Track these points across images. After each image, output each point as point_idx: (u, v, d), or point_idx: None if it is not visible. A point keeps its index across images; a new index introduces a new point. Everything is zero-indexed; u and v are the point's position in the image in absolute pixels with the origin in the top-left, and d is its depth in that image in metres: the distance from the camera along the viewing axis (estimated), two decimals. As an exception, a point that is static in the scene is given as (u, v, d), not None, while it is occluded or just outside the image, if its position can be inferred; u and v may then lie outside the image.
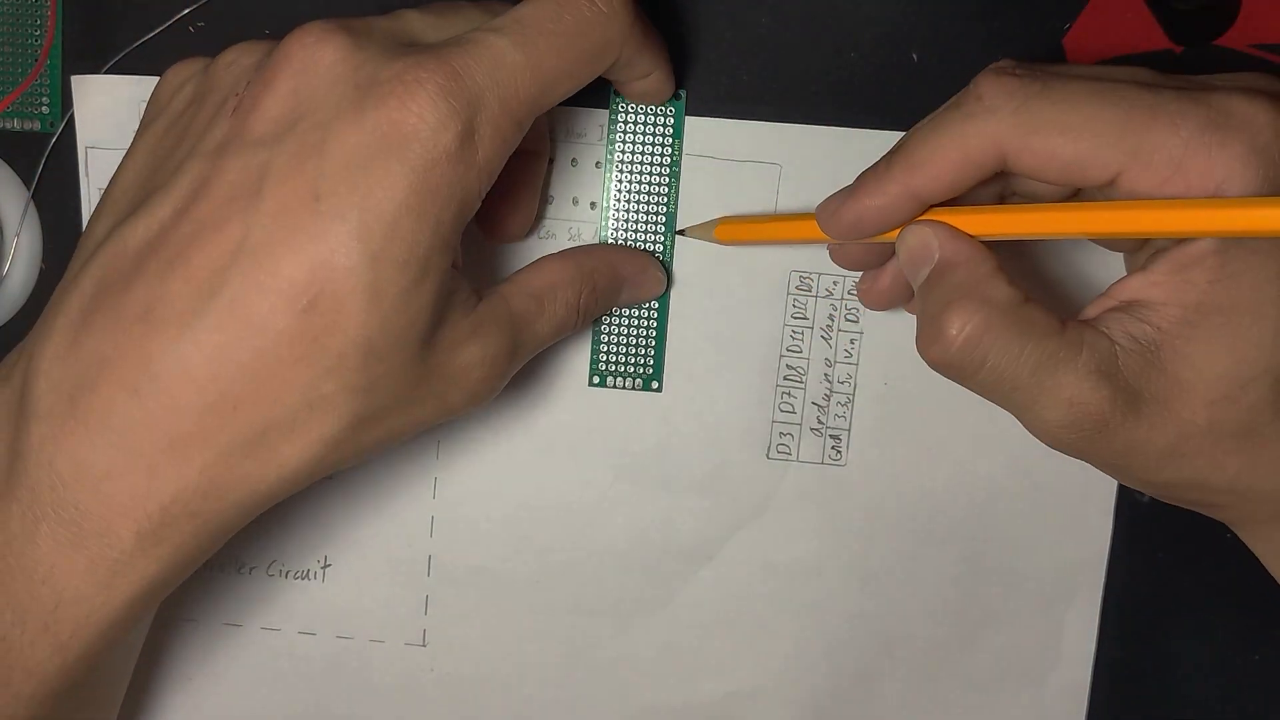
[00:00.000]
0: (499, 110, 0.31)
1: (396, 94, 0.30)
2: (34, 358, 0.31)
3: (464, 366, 0.33)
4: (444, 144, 0.30)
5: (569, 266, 0.37)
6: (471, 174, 0.31)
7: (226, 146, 0.31)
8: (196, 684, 0.43)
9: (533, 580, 0.42)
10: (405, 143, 0.30)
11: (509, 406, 0.41)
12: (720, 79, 0.39)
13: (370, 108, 0.30)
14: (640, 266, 0.39)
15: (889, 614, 0.41)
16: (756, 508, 0.41)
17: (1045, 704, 0.41)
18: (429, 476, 0.42)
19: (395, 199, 0.30)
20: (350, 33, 0.31)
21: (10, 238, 0.41)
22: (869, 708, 0.42)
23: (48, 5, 0.40)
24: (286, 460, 0.31)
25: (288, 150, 0.30)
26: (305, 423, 0.31)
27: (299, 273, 0.29)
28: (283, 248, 0.29)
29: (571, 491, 0.41)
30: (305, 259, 0.29)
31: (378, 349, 0.30)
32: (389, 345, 0.31)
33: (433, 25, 0.33)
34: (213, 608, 0.42)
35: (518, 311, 0.35)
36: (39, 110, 0.40)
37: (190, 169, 0.31)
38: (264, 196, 0.30)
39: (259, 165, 0.30)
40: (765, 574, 0.41)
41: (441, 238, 0.31)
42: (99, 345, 0.30)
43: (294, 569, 0.42)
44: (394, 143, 0.30)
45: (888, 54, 0.39)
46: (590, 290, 0.37)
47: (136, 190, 0.33)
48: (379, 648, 0.42)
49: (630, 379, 0.41)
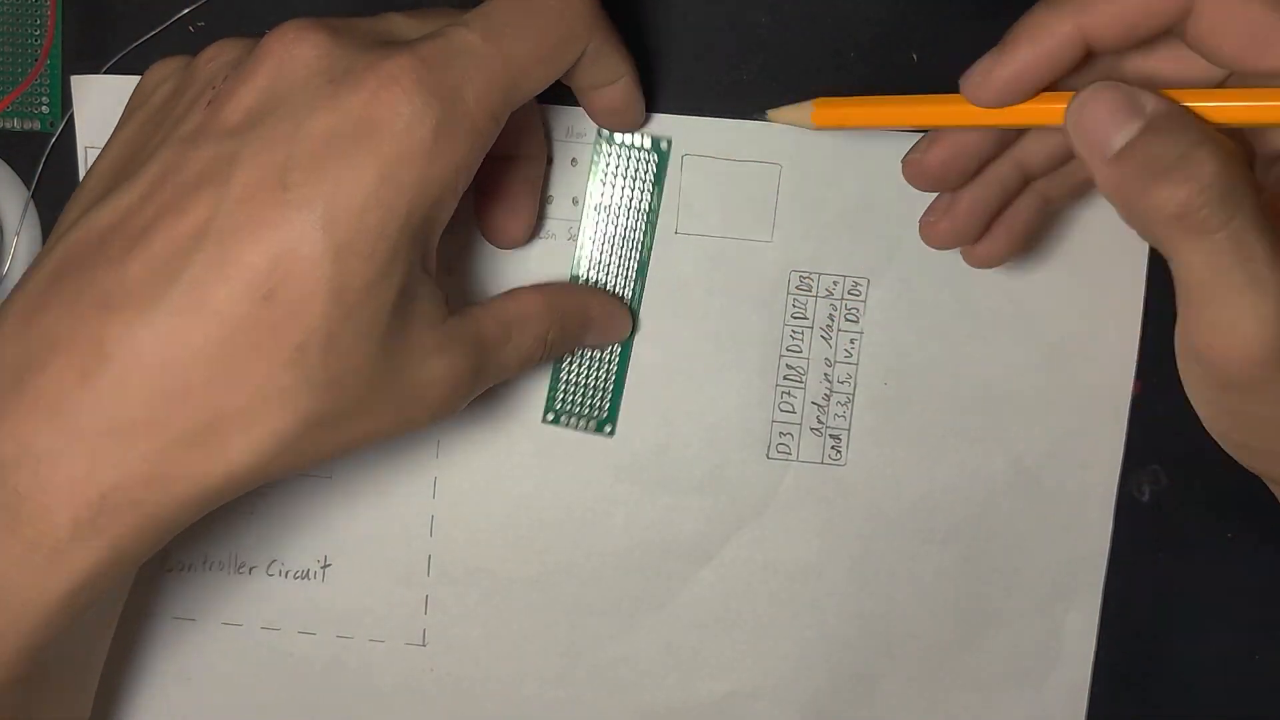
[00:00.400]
0: (473, 104, 0.31)
1: (369, 86, 0.30)
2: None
3: (427, 380, 0.32)
4: (418, 137, 0.30)
5: (541, 301, 0.36)
6: (447, 169, 0.30)
7: (198, 135, 0.31)
8: (196, 684, 0.43)
9: (533, 580, 0.42)
10: (377, 134, 0.29)
11: (509, 406, 0.41)
12: (720, 79, 0.39)
13: (343, 99, 0.30)
14: (609, 311, 0.39)
15: (889, 614, 0.41)
16: (756, 508, 0.41)
17: (1045, 704, 0.41)
18: (429, 476, 0.42)
19: (364, 190, 0.29)
20: (330, 30, 0.31)
21: (10, 238, 0.41)
22: (869, 707, 0.42)
23: (48, 5, 0.40)
24: (236, 455, 0.30)
25: (259, 138, 0.30)
26: (259, 415, 0.30)
27: (261, 260, 0.29)
28: (246, 234, 0.29)
29: (572, 491, 0.41)
30: (268, 247, 0.29)
31: (338, 343, 0.30)
32: (350, 340, 0.30)
33: (415, 27, 0.33)
34: (212, 607, 0.42)
35: (486, 335, 0.34)
36: (39, 110, 0.40)
37: (161, 156, 0.31)
38: (231, 183, 0.29)
39: (229, 153, 0.30)
40: (765, 574, 0.41)
41: (410, 233, 0.30)
42: (53, 326, 0.30)
43: (294, 569, 0.42)
44: (366, 134, 0.29)
45: (887, 54, 0.39)
46: (559, 327, 0.37)
47: (110, 178, 0.33)
48: (379, 647, 0.42)
49: (584, 420, 0.41)
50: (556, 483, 0.41)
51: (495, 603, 0.42)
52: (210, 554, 0.42)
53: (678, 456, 0.41)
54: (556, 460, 0.41)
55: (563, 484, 0.41)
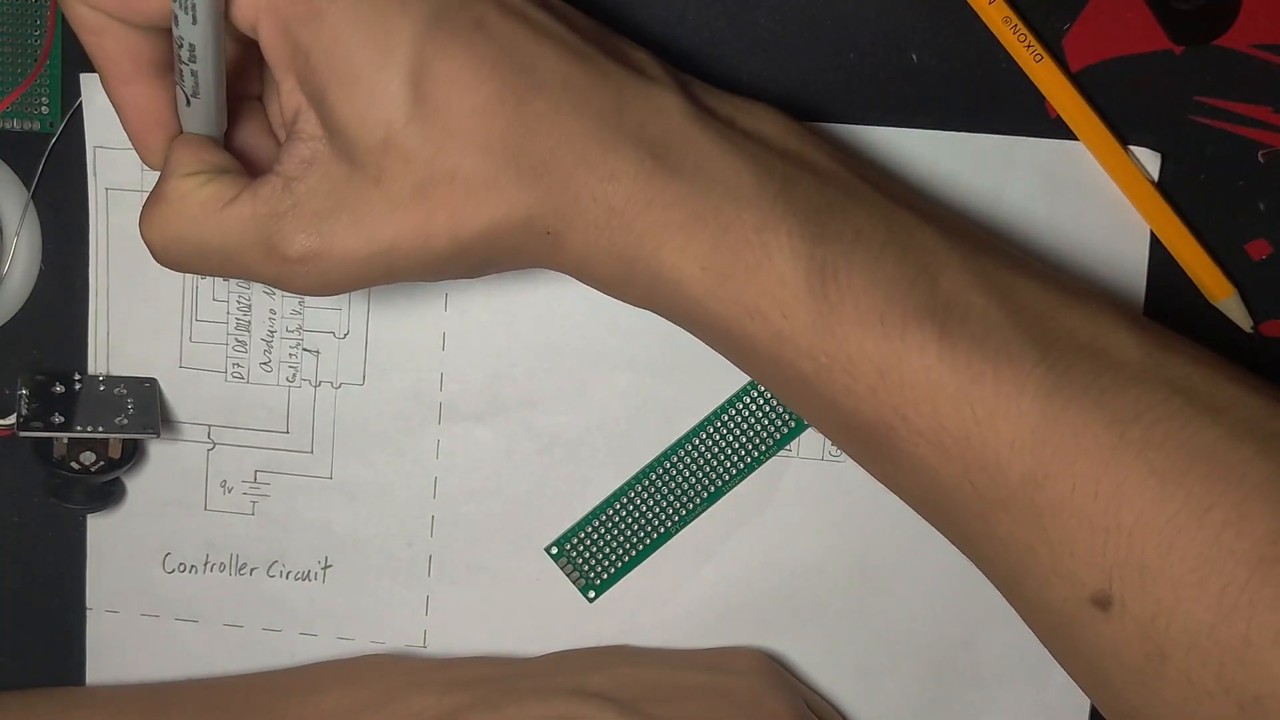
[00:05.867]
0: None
1: None
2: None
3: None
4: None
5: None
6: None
7: None
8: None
9: (533, 580, 0.42)
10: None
11: (509, 406, 0.41)
12: (720, 79, 0.39)
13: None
14: None
15: (890, 611, 0.41)
16: (757, 505, 0.41)
17: (1048, 702, 0.41)
18: (429, 476, 0.42)
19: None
20: None
21: (10, 238, 0.40)
22: (870, 705, 0.42)
23: (48, 5, 0.39)
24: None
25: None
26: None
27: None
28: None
29: (572, 490, 0.41)
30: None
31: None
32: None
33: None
34: (214, 609, 0.42)
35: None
36: (39, 110, 0.40)
37: None
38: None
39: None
40: (766, 571, 0.41)
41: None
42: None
43: (294, 570, 0.42)
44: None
45: (887, 54, 0.39)
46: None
47: None
48: (380, 649, 0.42)
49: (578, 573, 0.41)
50: (557, 481, 0.41)
51: (495, 603, 0.42)
52: (211, 555, 0.42)
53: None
54: (557, 460, 0.41)
55: (563, 483, 0.41)
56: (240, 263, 0.33)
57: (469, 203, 0.32)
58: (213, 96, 0.33)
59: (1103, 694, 0.33)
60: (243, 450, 0.42)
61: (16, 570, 0.43)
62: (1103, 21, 0.38)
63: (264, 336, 0.41)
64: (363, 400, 0.41)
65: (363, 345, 0.41)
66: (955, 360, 0.31)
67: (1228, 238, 0.39)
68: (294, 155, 0.32)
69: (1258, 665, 0.29)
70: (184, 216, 0.33)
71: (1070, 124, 0.38)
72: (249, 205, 0.32)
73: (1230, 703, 0.29)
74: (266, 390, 0.41)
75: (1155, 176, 0.39)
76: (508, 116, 0.32)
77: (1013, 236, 0.39)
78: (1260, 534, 0.29)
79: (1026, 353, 0.31)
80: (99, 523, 0.42)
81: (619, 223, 0.32)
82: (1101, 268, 0.39)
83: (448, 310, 0.41)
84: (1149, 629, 0.30)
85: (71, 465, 0.40)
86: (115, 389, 0.41)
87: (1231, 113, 0.38)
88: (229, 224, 0.33)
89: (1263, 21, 0.37)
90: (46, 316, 0.41)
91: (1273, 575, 0.29)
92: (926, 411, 0.32)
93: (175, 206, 0.33)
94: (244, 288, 0.41)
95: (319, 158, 0.32)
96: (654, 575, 0.42)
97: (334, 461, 0.42)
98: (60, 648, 0.43)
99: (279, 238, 0.32)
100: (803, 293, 0.32)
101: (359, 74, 0.31)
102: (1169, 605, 0.30)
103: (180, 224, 0.33)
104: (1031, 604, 0.33)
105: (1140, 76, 0.38)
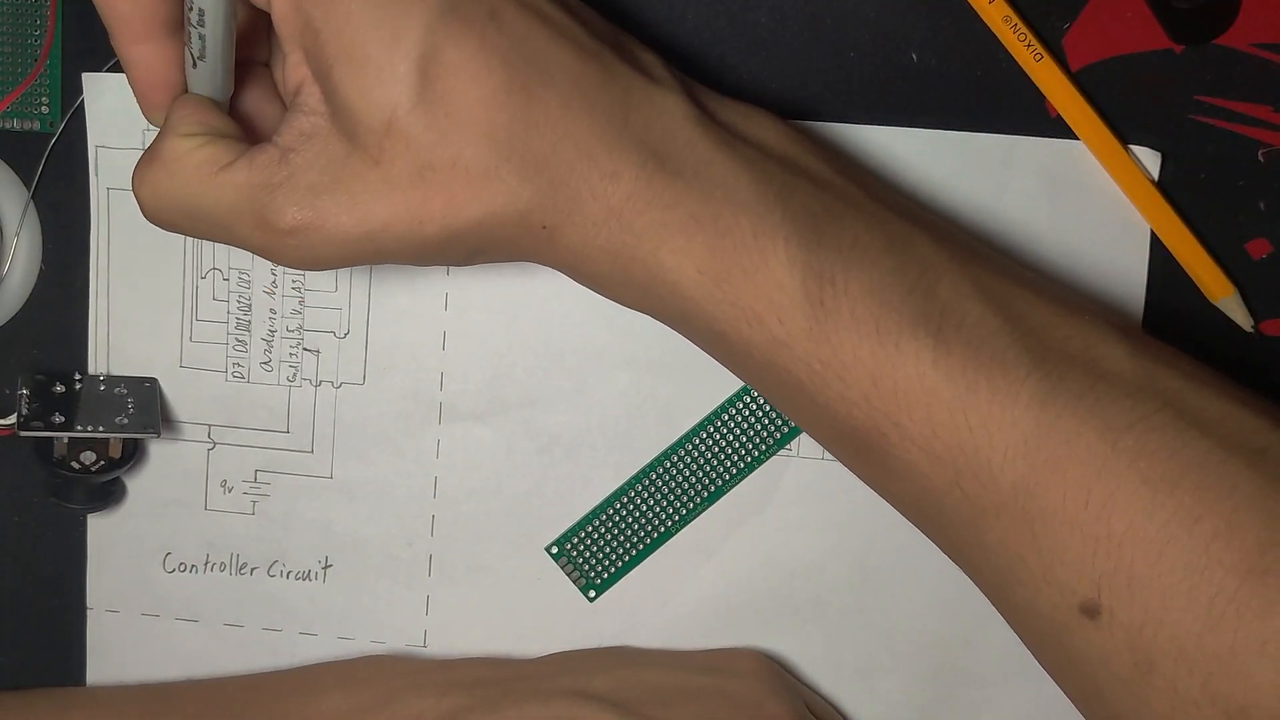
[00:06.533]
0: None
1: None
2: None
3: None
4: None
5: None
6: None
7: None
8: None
9: (533, 579, 0.42)
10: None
11: (509, 406, 0.41)
12: (720, 79, 0.39)
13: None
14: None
15: (890, 609, 0.41)
16: (757, 504, 0.41)
17: (1047, 702, 0.41)
18: (429, 476, 0.42)
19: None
20: None
21: (10, 238, 0.40)
22: (870, 705, 0.42)
23: (48, 5, 0.39)
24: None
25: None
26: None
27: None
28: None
29: (572, 490, 0.41)
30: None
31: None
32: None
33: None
34: (214, 608, 0.42)
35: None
36: (39, 110, 0.40)
37: None
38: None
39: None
40: (766, 571, 0.41)
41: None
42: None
43: (295, 569, 0.42)
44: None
45: (887, 54, 0.39)
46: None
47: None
48: (380, 649, 0.42)
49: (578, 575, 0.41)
50: (557, 480, 0.41)
51: (495, 603, 0.42)
52: (211, 555, 0.42)
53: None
54: (557, 460, 0.41)
55: (563, 481, 0.41)
56: (230, 229, 0.33)
57: (467, 191, 0.32)
58: (220, 61, 0.33)
59: (1091, 703, 0.33)
60: (243, 450, 0.42)
61: (16, 570, 0.43)
62: (1103, 21, 0.38)
63: (264, 336, 0.41)
64: (363, 400, 0.41)
65: (363, 345, 0.41)
66: (950, 367, 0.31)
67: (1228, 237, 0.39)
68: (294, 127, 0.32)
69: (1244, 676, 0.29)
70: (177, 177, 0.33)
71: (1070, 123, 0.38)
72: (244, 172, 0.32)
73: (1217, 713, 0.30)
74: (267, 390, 0.41)
75: (1155, 176, 0.39)
76: (513, 109, 0.32)
77: (1013, 236, 0.39)
78: (1249, 545, 0.29)
79: (1021, 361, 0.31)
80: (99, 522, 0.42)
81: (618, 222, 0.32)
82: (1102, 267, 0.39)
83: (448, 310, 0.41)
84: (1137, 638, 0.30)
85: (72, 465, 0.40)
86: (115, 389, 0.41)
87: (1232, 112, 0.38)
88: (222, 189, 0.32)
89: (1263, 21, 0.37)
90: (46, 316, 0.41)
91: (1261, 586, 0.29)
92: (920, 418, 0.32)
93: (170, 166, 0.33)
94: (244, 287, 0.41)
95: (319, 132, 0.32)
96: (654, 575, 0.42)
97: (334, 461, 0.42)
98: (60, 648, 0.43)
99: (271, 208, 0.32)
100: (799, 298, 0.32)
101: (368, 54, 0.31)
102: (1157, 614, 0.30)
103: (173, 184, 0.33)
104: (1021, 612, 0.33)
105: (1140, 76, 0.38)
